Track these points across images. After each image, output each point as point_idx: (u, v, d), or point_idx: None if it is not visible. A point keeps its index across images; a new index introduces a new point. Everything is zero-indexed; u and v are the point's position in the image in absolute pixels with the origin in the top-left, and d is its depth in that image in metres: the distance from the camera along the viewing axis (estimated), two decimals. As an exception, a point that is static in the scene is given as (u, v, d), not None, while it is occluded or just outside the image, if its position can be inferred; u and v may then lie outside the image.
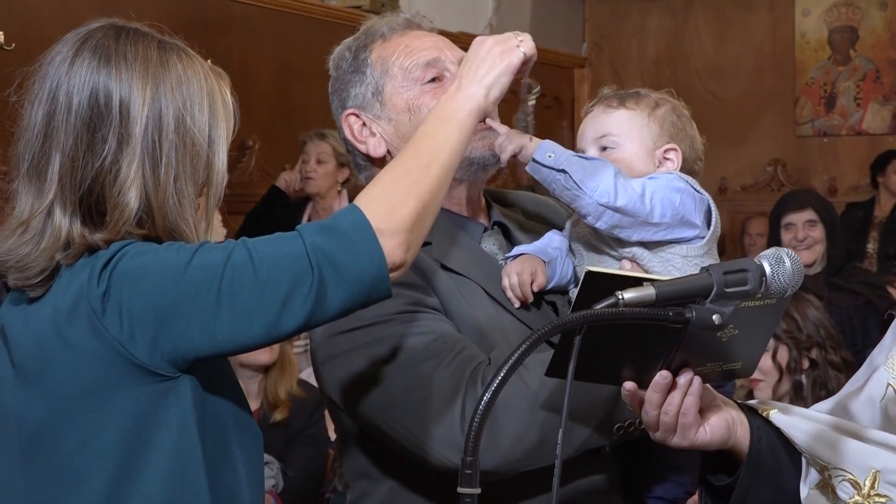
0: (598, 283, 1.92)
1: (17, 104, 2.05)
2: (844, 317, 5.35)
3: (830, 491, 2.12)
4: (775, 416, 2.18)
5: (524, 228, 2.60)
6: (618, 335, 1.95)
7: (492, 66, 2.19)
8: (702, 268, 1.88)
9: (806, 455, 2.15)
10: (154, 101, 1.98)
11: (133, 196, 1.96)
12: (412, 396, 2.24)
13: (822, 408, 2.30)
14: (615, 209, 2.30)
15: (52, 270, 1.98)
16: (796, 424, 2.17)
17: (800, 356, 4.35)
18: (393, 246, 1.94)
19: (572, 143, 2.49)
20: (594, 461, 2.38)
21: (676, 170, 2.43)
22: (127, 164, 1.96)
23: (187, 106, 2.00)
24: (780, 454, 2.16)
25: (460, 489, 1.69)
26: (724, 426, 2.13)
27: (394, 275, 1.95)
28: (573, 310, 1.96)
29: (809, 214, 5.77)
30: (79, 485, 1.95)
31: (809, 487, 2.15)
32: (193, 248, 1.93)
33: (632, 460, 2.47)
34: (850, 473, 2.10)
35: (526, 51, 2.23)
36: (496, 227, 2.58)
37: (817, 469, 2.14)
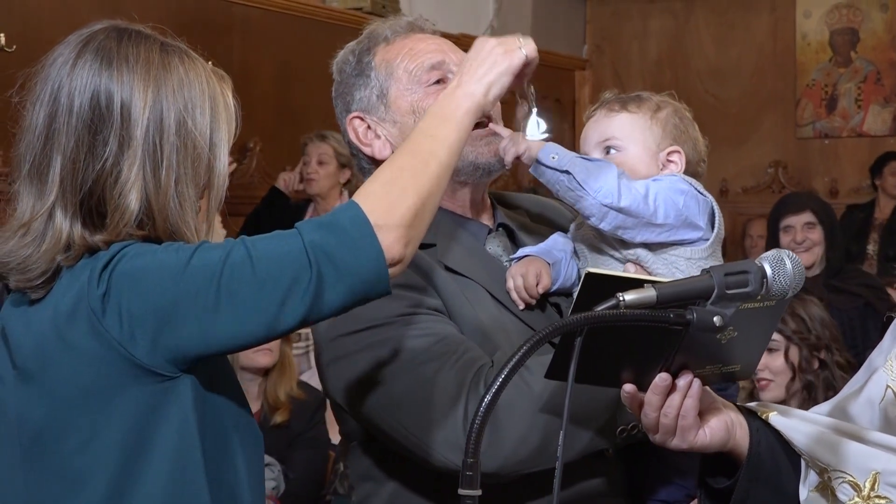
0: (598, 285, 1.92)
1: (19, 105, 2.05)
2: (844, 319, 5.35)
3: (830, 493, 2.12)
4: (775, 419, 2.18)
5: (528, 230, 2.60)
6: (617, 337, 1.95)
7: (493, 66, 2.19)
8: (702, 269, 1.88)
9: (805, 457, 2.15)
10: (155, 104, 1.98)
11: (134, 198, 1.96)
12: (415, 398, 2.25)
13: (821, 410, 2.30)
14: (619, 210, 2.30)
15: (53, 272, 1.98)
16: (796, 427, 2.16)
17: (810, 356, 4.35)
18: (391, 241, 1.93)
19: (574, 145, 2.50)
20: (597, 463, 2.38)
21: (680, 172, 2.43)
22: (128, 167, 1.96)
23: (189, 108, 2.01)
24: (780, 456, 2.16)
25: (461, 491, 1.69)
26: (724, 428, 2.13)
27: (393, 270, 1.95)
28: (573, 311, 1.96)
29: (808, 217, 5.76)
30: (79, 485, 1.95)
31: (809, 489, 2.14)
32: (192, 248, 1.93)
33: (635, 463, 2.47)
34: (850, 475, 2.10)
35: (528, 53, 2.23)
36: (500, 229, 2.58)
37: (816, 471, 2.14)
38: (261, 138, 7.32)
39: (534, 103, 2.42)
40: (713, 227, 2.41)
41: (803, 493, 2.15)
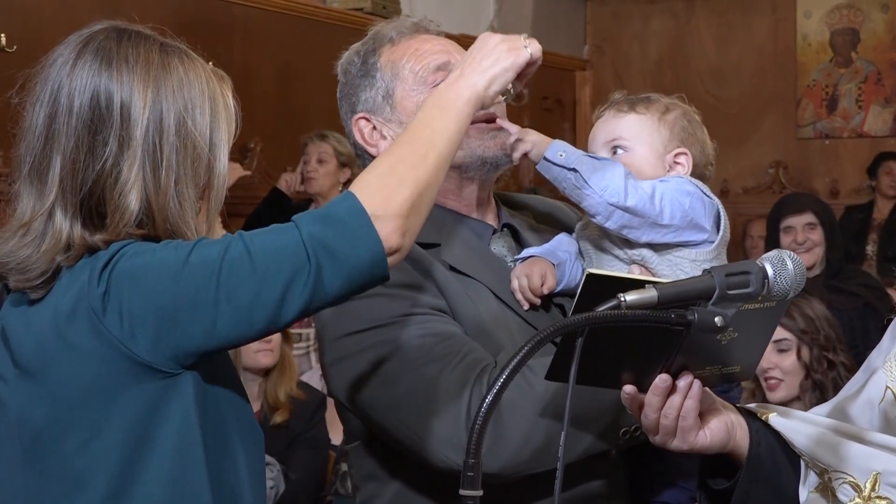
0: (599, 286, 1.92)
1: (19, 106, 2.05)
2: (844, 319, 5.34)
3: (830, 494, 2.12)
4: (774, 420, 2.18)
5: (533, 231, 2.60)
6: (618, 338, 1.95)
7: (497, 61, 2.18)
8: (704, 270, 1.88)
9: (805, 458, 2.15)
10: (155, 104, 1.98)
11: (134, 198, 1.96)
12: (418, 398, 2.25)
13: (821, 411, 2.30)
14: (625, 209, 2.30)
15: (53, 272, 1.98)
16: (796, 427, 2.16)
17: (820, 356, 4.35)
18: (389, 231, 1.93)
19: (573, 146, 2.49)
20: (600, 465, 2.38)
21: (687, 174, 2.44)
22: (128, 167, 1.96)
23: (188, 109, 2.01)
24: (780, 457, 2.16)
25: (462, 491, 1.69)
26: (724, 429, 2.13)
27: (391, 259, 1.95)
28: (573, 312, 1.96)
29: (809, 217, 5.76)
30: (80, 485, 1.95)
31: (809, 490, 2.15)
32: (191, 245, 1.93)
33: (637, 464, 2.47)
34: (851, 476, 2.10)
35: (533, 53, 2.22)
36: (505, 229, 2.58)
37: (817, 472, 2.14)
38: (261, 138, 7.32)
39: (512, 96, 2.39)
40: (719, 230, 2.41)
41: (803, 494, 2.15)
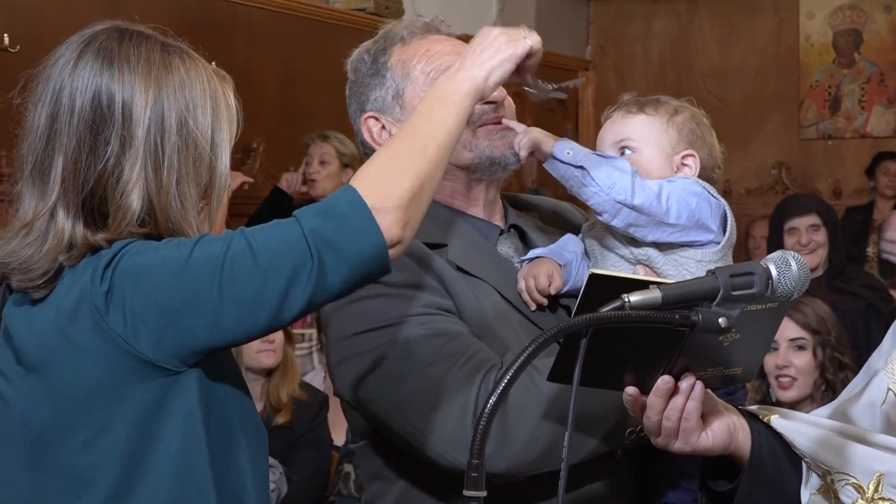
0: (602, 286, 1.92)
1: (21, 106, 2.05)
2: (847, 320, 5.33)
3: (833, 495, 2.12)
4: (776, 422, 2.18)
5: (540, 231, 2.60)
6: (620, 340, 1.94)
7: (496, 52, 2.18)
8: (708, 271, 1.88)
9: (807, 460, 2.15)
10: (156, 104, 1.98)
11: (135, 198, 1.96)
12: (424, 398, 2.25)
13: (822, 413, 2.30)
14: (632, 207, 2.30)
15: (56, 272, 1.98)
16: (798, 429, 2.16)
17: (832, 356, 4.35)
18: (390, 223, 1.93)
19: (576, 146, 2.50)
20: (605, 466, 2.38)
21: (694, 176, 2.44)
22: (129, 167, 1.96)
23: (190, 108, 2.01)
24: (782, 459, 2.16)
25: (466, 492, 1.68)
26: (726, 431, 2.13)
27: (392, 252, 1.95)
28: (576, 312, 1.96)
29: (813, 219, 5.76)
30: (85, 483, 1.95)
31: (811, 492, 2.15)
32: (193, 242, 1.93)
33: (642, 466, 2.46)
34: (854, 477, 2.10)
35: (532, 43, 2.22)
36: (512, 230, 2.58)
37: (819, 474, 2.14)
38: (264, 139, 7.31)
39: (547, 85, 2.41)
40: (725, 231, 2.41)
41: (805, 496, 2.15)
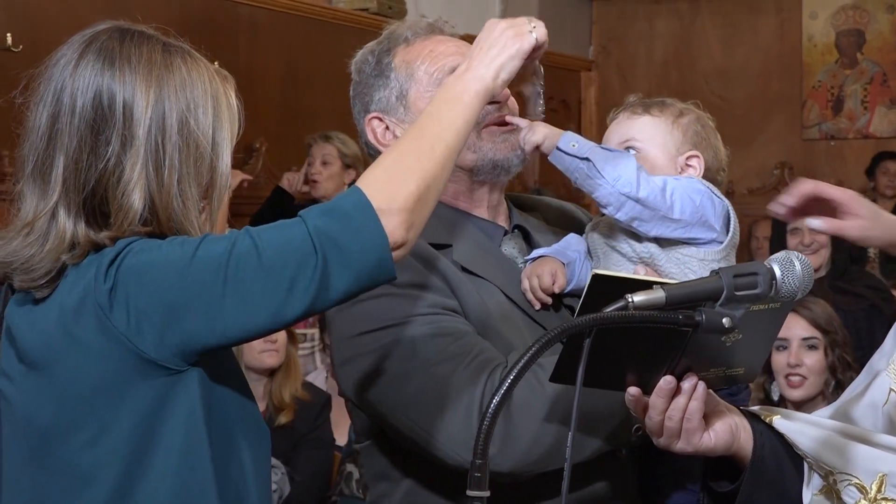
0: (605, 286, 1.91)
1: (23, 106, 2.05)
2: (850, 320, 5.34)
3: (835, 496, 2.12)
4: (779, 422, 2.18)
5: (544, 232, 2.60)
6: (623, 340, 1.94)
7: (503, 49, 2.17)
8: (711, 271, 1.88)
9: (809, 460, 2.15)
10: (158, 104, 1.98)
11: (137, 198, 1.96)
12: (430, 397, 2.25)
13: (823, 413, 2.30)
14: (636, 200, 2.30)
15: (58, 271, 1.98)
16: (800, 430, 2.16)
17: (842, 355, 4.35)
18: (394, 225, 1.92)
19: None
20: (609, 465, 2.38)
21: (698, 177, 2.44)
22: (130, 166, 1.96)
23: (191, 108, 2.00)
24: (783, 460, 2.16)
25: (469, 492, 1.68)
26: (728, 431, 2.13)
27: (396, 254, 1.94)
28: (579, 312, 1.96)
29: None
30: (87, 482, 1.95)
31: (812, 493, 2.15)
32: (197, 241, 1.93)
33: (647, 466, 2.47)
34: (857, 478, 2.10)
35: (538, 36, 2.21)
36: (516, 231, 2.58)
37: (821, 474, 2.14)
38: (266, 139, 7.31)
39: (542, 80, 2.41)
40: (728, 231, 2.41)
41: (807, 497, 2.15)
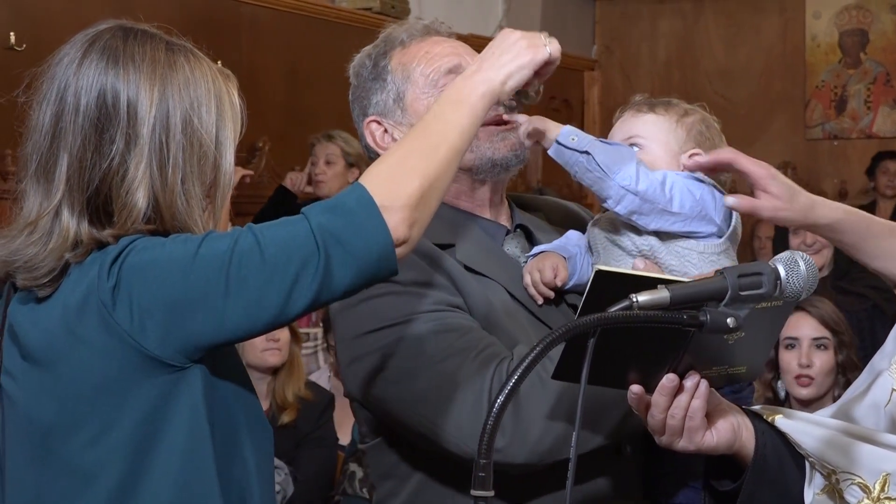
0: (608, 283, 1.92)
1: (26, 105, 2.05)
2: (852, 320, 5.35)
3: (838, 495, 2.12)
4: (781, 422, 2.18)
5: (546, 231, 2.60)
6: (626, 339, 1.94)
7: (515, 56, 2.18)
8: (716, 271, 1.88)
9: (811, 459, 2.15)
10: (161, 102, 1.98)
11: (141, 196, 1.96)
12: (439, 392, 2.26)
13: (825, 413, 2.30)
14: (635, 193, 2.31)
15: (61, 270, 1.98)
16: (803, 429, 2.16)
17: (849, 355, 4.35)
18: (397, 222, 1.93)
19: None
20: (613, 463, 2.38)
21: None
22: (134, 165, 1.96)
23: (195, 107, 2.01)
24: (785, 459, 2.16)
25: (473, 492, 1.68)
26: (730, 430, 2.13)
27: (399, 251, 1.94)
28: (582, 309, 1.96)
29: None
30: (90, 480, 1.95)
31: (815, 492, 2.14)
32: (200, 238, 1.93)
33: (650, 464, 2.47)
34: (860, 477, 2.10)
35: (552, 51, 2.23)
36: (518, 230, 2.58)
37: (823, 474, 2.14)
38: (269, 138, 7.32)
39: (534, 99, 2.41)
40: (729, 226, 2.41)
41: (808, 496, 2.15)
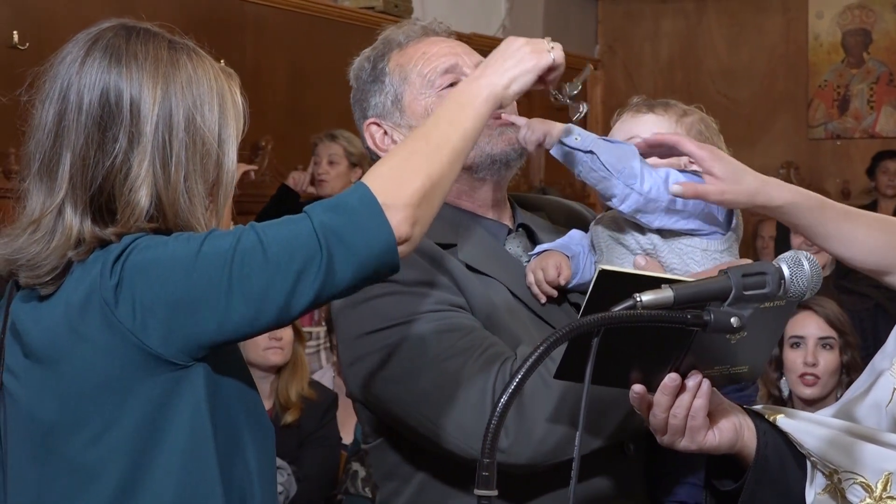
0: (611, 282, 1.91)
1: (29, 104, 2.05)
2: (855, 320, 5.35)
3: (839, 495, 2.12)
4: (782, 421, 2.18)
5: (549, 231, 2.60)
6: (628, 338, 1.94)
7: (519, 62, 2.19)
8: (720, 270, 1.88)
9: (813, 459, 2.15)
10: (164, 101, 1.99)
11: (144, 194, 1.96)
12: (441, 392, 2.26)
13: (826, 413, 2.30)
14: (639, 192, 2.30)
15: (64, 268, 1.98)
16: (805, 429, 2.16)
17: (854, 355, 4.35)
18: (399, 220, 1.93)
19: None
20: (618, 463, 2.38)
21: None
22: (137, 163, 1.97)
23: (197, 105, 2.01)
24: (787, 458, 2.16)
25: (477, 491, 1.68)
26: (732, 430, 2.13)
27: (401, 249, 1.95)
28: (585, 308, 1.96)
29: (821, 219, 5.73)
30: (92, 478, 1.95)
31: (816, 492, 2.14)
32: (202, 237, 1.93)
33: (653, 463, 2.47)
34: (862, 476, 2.10)
35: (556, 57, 2.24)
36: (520, 230, 2.59)
37: (825, 473, 2.13)
38: (273, 137, 7.31)
39: (583, 104, 2.43)
40: (731, 223, 2.41)
41: (810, 496, 2.14)
